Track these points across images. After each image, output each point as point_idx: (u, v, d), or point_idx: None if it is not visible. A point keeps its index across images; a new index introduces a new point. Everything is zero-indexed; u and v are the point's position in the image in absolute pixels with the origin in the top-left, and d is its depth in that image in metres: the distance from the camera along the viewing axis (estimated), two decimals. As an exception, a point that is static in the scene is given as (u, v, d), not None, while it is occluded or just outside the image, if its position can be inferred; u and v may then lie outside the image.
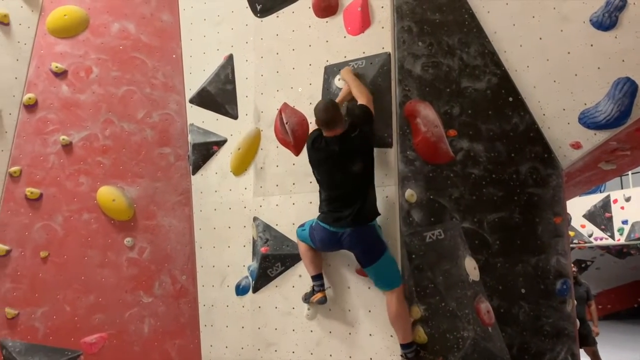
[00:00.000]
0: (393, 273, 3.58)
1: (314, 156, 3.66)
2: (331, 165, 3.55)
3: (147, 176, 4.65)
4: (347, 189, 3.52)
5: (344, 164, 3.49)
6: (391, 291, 3.55)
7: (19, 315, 4.22)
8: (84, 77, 4.63)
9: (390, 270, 3.58)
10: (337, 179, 3.55)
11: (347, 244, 3.57)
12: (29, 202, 4.36)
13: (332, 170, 3.56)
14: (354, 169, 3.48)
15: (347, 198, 3.50)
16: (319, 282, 3.82)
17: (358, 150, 3.52)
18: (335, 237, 3.56)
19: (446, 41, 3.85)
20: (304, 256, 3.87)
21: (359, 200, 3.48)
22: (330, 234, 3.57)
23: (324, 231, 3.60)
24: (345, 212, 3.49)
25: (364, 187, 3.53)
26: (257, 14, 4.49)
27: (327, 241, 3.63)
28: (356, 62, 3.97)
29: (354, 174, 3.49)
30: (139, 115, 4.70)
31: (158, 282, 4.53)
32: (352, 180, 3.51)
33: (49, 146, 4.47)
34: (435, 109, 3.77)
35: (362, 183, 3.53)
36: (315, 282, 3.82)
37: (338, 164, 3.51)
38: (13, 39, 4.49)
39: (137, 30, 4.82)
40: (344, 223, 3.50)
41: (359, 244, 3.53)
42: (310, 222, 3.78)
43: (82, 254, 4.40)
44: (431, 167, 3.74)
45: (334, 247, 3.67)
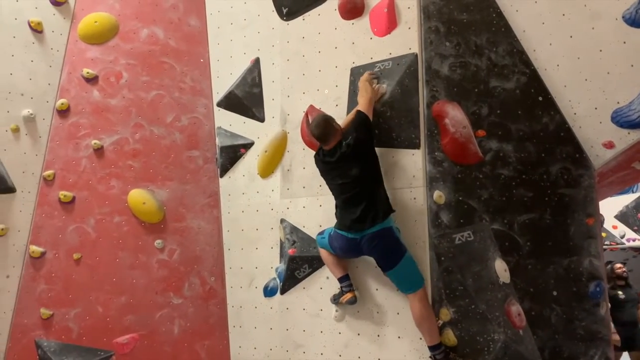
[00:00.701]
0: (414, 275, 3.58)
1: (320, 167, 3.82)
2: (334, 174, 3.69)
3: (176, 179, 4.71)
4: (352, 191, 3.58)
5: (343, 170, 3.61)
6: (414, 294, 3.54)
7: (54, 315, 4.31)
8: (115, 82, 4.72)
9: (412, 273, 3.57)
10: (341, 185, 3.64)
11: (367, 249, 3.58)
12: (63, 205, 4.46)
13: (336, 178, 3.68)
14: (353, 173, 3.56)
15: (354, 200, 3.56)
16: (346, 282, 3.83)
17: (353, 156, 3.58)
18: (354, 243, 3.59)
19: (474, 41, 3.81)
20: (327, 261, 3.90)
21: (365, 200, 3.52)
22: (348, 240, 3.61)
23: (342, 239, 3.65)
24: (355, 212, 3.53)
25: (368, 187, 3.56)
26: (283, 17, 4.52)
27: (346, 248, 3.68)
28: (382, 63, 3.96)
29: (355, 177, 3.56)
30: (168, 119, 4.78)
31: (187, 284, 4.59)
32: (354, 183, 3.56)
33: (81, 150, 4.57)
34: (463, 110, 3.73)
35: (366, 184, 3.56)
36: (343, 284, 3.84)
37: (338, 170, 3.64)
38: (46, 46, 4.60)
39: (165, 35, 4.89)
40: (358, 226, 3.53)
41: (378, 248, 3.54)
42: (329, 230, 3.81)
43: (113, 255, 4.48)
44: (460, 168, 3.70)
45: (355, 253, 3.71)
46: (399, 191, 3.80)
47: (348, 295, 3.79)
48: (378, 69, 3.95)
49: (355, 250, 3.65)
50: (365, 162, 3.60)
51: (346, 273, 3.85)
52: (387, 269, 3.58)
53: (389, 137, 3.86)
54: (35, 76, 4.50)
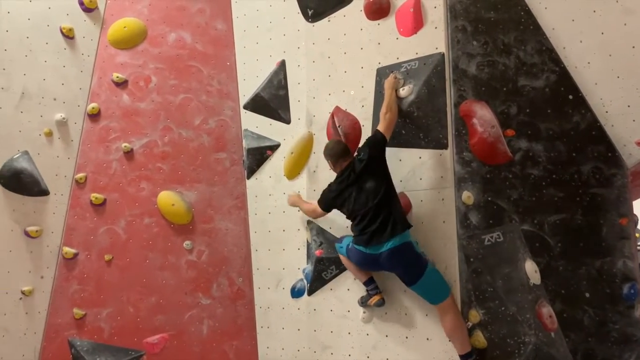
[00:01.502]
0: (440, 286, 3.56)
1: (333, 195, 3.77)
2: (349, 192, 3.68)
3: (204, 181, 4.77)
4: (367, 207, 3.56)
5: (358, 185, 3.64)
6: (442, 304, 3.53)
7: (86, 315, 4.40)
8: (144, 86, 4.80)
9: (437, 284, 3.56)
10: (358, 200, 3.62)
11: (387, 266, 3.57)
12: (94, 207, 4.56)
13: (352, 194, 3.66)
14: (368, 186, 3.59)
15: (370, 214, 3.55)
16: (372, 285, 3.83)
17: (366, 171, 3.62)
18: (372, 258, 3.58)
19: (502, 39, 3.77)
20: (349, 267, 3.92)
21: (381, 214, 3.51)
22: (367, 256, 3.62)
23: (360, 254, 3.66)
24: (372, 227, 3.52)
25: (384, 202, 3.55)
26: (308, 19, 4.54)
27: (364, 263, 3.71)
28: (409, 63, 3.94)
29: (370, 191, 3.58)
30: (195, 122, 4.84)
31: (216, 284, 4.64)
32: (371, 196, 3.57)
33: (111, 153, 4.66)
34: (491, 109, 3.69)
35: (382, 199, 3.55)
36: (369, 287, 3.84)
37: (353, 187, 3.65)
38: (77, 52, 4.70)
39: (192, 39, 4.96)
40: (376, 241, 3.51)
41: (399, 264, 3.53)
42: (348, 241, 3.82)
43: (143, 256, 4.56)
44: (488, 168, 3.66)
45: (373, 268, 3.73)
46: (427, 192, 3.78)
47: (375, 297, 3.79)
48: (404, 69, 3.94)
49: (374, 265, 3.65)
50: (379, 177, 3.61)
51: (371, 276, 3.85)
52: (411, 284, 3.56)
53: (416, 138, 3.84)
54: (67, 81, 4.61)
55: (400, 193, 3.87)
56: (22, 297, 4.24)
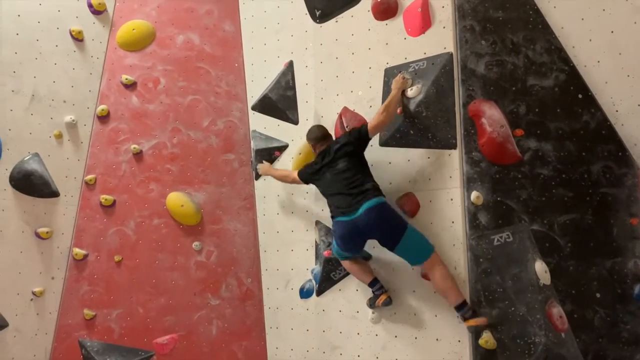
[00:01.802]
0: (423, 243, 3.59)
1: (316, 175, 3.92)
2: (328, 168, 3.83)
3: (213, 182, 4.79)
4: (342, 181, 3.71)
5: (332, 166, 3.80)
6: (428, 261, 3.54)
7: (96, 316, 4.43)
8: (152, 88, 4.82)
9: (419, 242, 3.59)
10: (335, 177, 3.77)
11: (367, 228, 3.57)
12: (104, 208, 4.58)
13: (326, 174, 3.83)
14: (340, 166, 3.76)
15: (347, 186, 3.67)
16: (377, 285, 3.84)
17: (343, 154, 3.78)
18: (353, 225, 3.59)
19: (510, 39, 3.75)
20: (352, 270, 3.95)
21: (356, 186, 3.64)
22: (347, 224, 3.63)
23: (341, 225, 3.68)
24: (349, 196, 3.63)
25: (358, 176, 3.69)
26: (316, 19, 4.54)
27: (348, 235, 3.68)
28: (417, 63, 3.94)
29: (347, 167, 3.73)
30: (204, 123, 4.86)
31: (225, 285, 4.65)
32: (347, 172, 3.72)
33: (121, 155, 4.68)
34: (500, 109, 3.68)
35: (355, 175, 3.69)
36: (374, 287, 3.85)
37: (332, 164, 3.81)
38: (87, 54, 4.73)
39: (201, 41, 4.98)
40: (353, 206, 3.58)
41: (378, 223, 3.54)
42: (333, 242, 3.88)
43: (153, 257, 4.58)
44: (498, 168, 3.65)
45: (357, 237, 3.69)
46: (435, 192, 3.77)
47: (382, 297, 3.80)
48: (412, 69, 3.93)
49: (357, 234, 3.64)
50: (352, 160, 3.75)
51: (374, 277, 3.86)
52: (394, 245, 3.57)
53: (424, 138, 3.83)
54: (76, 83, 4.63)
55: (409, 193, 3.88)
56: (33, 298, 4.27)
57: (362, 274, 3.89)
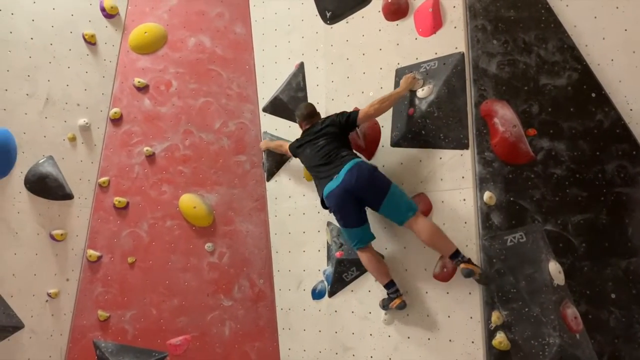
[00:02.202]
0: (407, 199, 3.70)
1: (298, 149, 4.12)
2: (308, 145, 4.01)
3: (224, 183, 4.81)
4: (323, 153, 3.86)
5: (317, 139, 3.95)
6: (414, 217, 3.60)
7: (110, 317, 4.45)
8: (164, 91, 4.85)
9: (404, 198, 3.69)
10: (314, 153, 3.92)
11: (352, 186, 3.64)
12: (117, 210, 4.61)
13: (309, 148, 3.98)
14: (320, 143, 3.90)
15: (325, 157, 3.84)
16: (393, 288, 3.81)
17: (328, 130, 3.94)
18: (340, 190, 3.68)
19: (522, 38, 3.74)
20: (369, 266, 3.87)
21: (334, 154, 3.82)
22: (334, 193, 3.72)
23: (331, 196, 3.75)
24: (328, 165, 3.81)
25: (337, 147, 3.86)
26: (326, 21, 4.55)
27: (340, 202, 3.72)
28: (428, 64, 3.94)
29: (326, 144, 3.88)
30: (216, 125, 4.88)
31: (237, 286, 4.67)
32: (325, 148, 3.87)
33: (133, 157, 4.71)
34: (513, 108, 3.66)
35: (335, 148, 3.85)
36: (390, 290, 3.82)
37: (313, 141, 3.97)
38: (99, 57, 4.77)
39: (212, 43, 5.00)
40: (334, 172, 3.73)
41: (361, 180, 3.64)
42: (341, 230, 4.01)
43: (166, 259, 4.60)
44: (510, 167, 3.63)
45: (348, 202, 3.71)
46: (448, 193, 3.76)
47: (397, 300, 3.77)
48: (424, 69, 3.93)
49: (347, 198, 3.69)
50: (333, 139, 3.88)
51: (391, 279, 3.83)
52: (379, 202, 3.64)
53: (436, 138, 3.82)
54: (89, 86, 4.67)
55: (421, 194, 3.87)
56: (49, 299, 4.30)
57: (379, 272, 3.84)
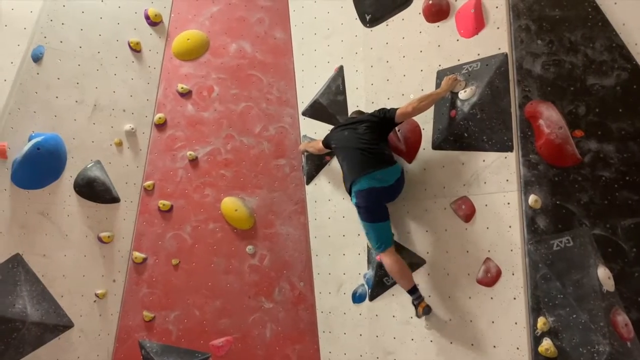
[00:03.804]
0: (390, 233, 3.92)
1: (337, 131, 4.15)
2: (346, 128, 4.06)
3: (265, 187, 4.86)
4: (370, 139, 3.88)
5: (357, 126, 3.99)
6: (390, 250, 3.84)
7: (155, 318, 4.57)
8: (207, 96, 4.95)
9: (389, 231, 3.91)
10: (352, 134, 3.95)
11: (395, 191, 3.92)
12: (162, 213, 4.73)
13: (348, 130, 4.02)
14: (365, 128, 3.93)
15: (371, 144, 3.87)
16: (416, 294, 3.83)
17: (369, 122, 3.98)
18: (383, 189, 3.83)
19: (568, 37, 3.64)
20: (393, 270, 3.86)
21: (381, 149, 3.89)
22: (379, 189, 3.81)
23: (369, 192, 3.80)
24: (372, 154, 3.83)
25: (384, 142, 3.97)
26: (366, 24, 4.55)
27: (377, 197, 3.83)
28: (470, 65, 3.88)
29: (366, 131, 3.92)
30: (256, 130, 4.95)
31: (278, 289, 4.71)
32: (372, 134, 3.91)
33: (177, 161, 4.83)
34: (558, 109, 3.57)
35: (381, 140, 3.94)
36: (414, 296, 3.83)
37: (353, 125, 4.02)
38: (144, 64, 4.90)
39: (252, 49, 5.08)
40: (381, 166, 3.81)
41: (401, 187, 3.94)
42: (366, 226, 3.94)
43: (208, 261, 4.69)
44: (556, 170, 3.54)
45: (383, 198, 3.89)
46: (492, 196, 3.70)
47: (422, 305, 3.78)
48: (466, 71, 3.88)
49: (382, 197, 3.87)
50: (376, 128, 3.93)
51: (415, 284, 3.84)
52: (384, 219, 3.85)
53: (479, 140, 3.77)
54: (135, 93, 4.81)
55: (463, 197, 3.82)
56: (96, 300, 4.44)
57: (404, 276, 3.85)
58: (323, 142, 4.29)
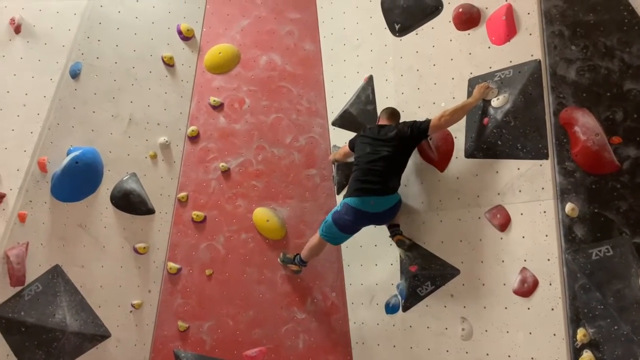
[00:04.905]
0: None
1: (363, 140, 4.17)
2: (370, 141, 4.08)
3: (296, 197, 4.88)
4: (384, 166, 3.94)
5: (376, 146, 4.01)
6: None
7: (189, 328, 4.61)
8: (238, 108, 5.02)
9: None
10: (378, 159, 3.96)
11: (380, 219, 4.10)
12: (195, 224, 4.79)
13: (369, 145, 4.06)
14: (383, 151, 3.96)
15: (383, 171, 3.95)
16: (304, 264, 4.53)
17: (390, 139, 4.00)
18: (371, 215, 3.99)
19: (603, 42, 3.58)
20: (312, 247, 4.38)
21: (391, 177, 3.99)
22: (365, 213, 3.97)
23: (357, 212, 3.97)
24: (381, 178, 3.94)
25: (391, 168, 3.99)
26: (395, 33, 4.55)
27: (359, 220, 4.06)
28: (502, 72, 3.85)
29: (383, 156, 3.95)
30: (287, 140, 4.99)
31: (310, 299, 4.71)
32: (390, 163, 3.96)
33: (210, 173, 4.89)
34: (594, 116, 3.51)
35: (390, 165, 3.97)
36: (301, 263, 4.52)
37: (373, 144, 4.04)
38: (177, 78, 5.01)
39: (282, 61, 5.13)
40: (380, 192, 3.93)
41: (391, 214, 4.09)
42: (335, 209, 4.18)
43: (241, 271, 4.72)
44: (594, 178, 3.47)
45: (364, 223, 4.17)
46: (527, 205, 3.64)
47: (296, 267, 4.53)
48: (498, 78, 3.84)
49: (366, 221, 4.11)
50: (396, 150, 3.97)
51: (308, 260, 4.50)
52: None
53: (513, 148, 3.72)
54: (168, 106, 4.91)
55: (498, 206, 3.77)
56: (132, 310, 4.51)
57: (311, 254, 4.42)
58: (349, 146, 4.38)
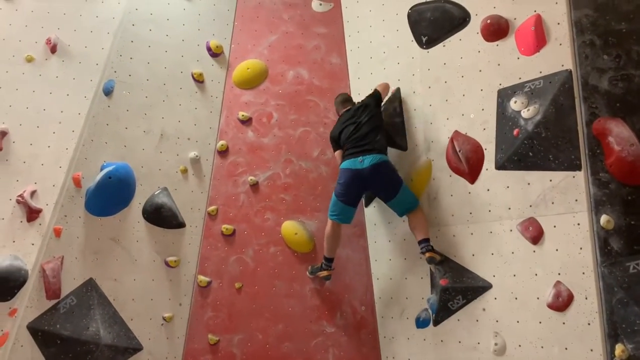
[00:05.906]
0: (412, 198, 4.25)
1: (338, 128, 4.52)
2: (348, 124, 4.42)
3: (324, 210, 4.86)
4: (359, 132, 4.29)
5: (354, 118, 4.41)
6: (415, 210, 4.22)
7: (220, 341, 4.63)
8: (266, 123, 5.08)
9: (410, 197, 4.24)
10: (353, 129, 4.34)
11: (371, 180, 4.16)
12: (225, 237, 4.84)
13: (349, 126, 4.39)
14: (361, 119, 4.35)
15: (361, 137, 4.26)
16: (331, 263, 4.49)
17: (362, 110, 4.42)
18: (361, 174, 4.15)
19: (637, 51, 3.52)
20: (329, 236, 4.41)
21: (370, 137, 4.25)
22: (354, 172, 4.17)
23: (347, 172, 4.21)
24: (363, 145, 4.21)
25: (373, 131, 4.29)
26: (422, 45, 4.56)
27: (351, 182, 4.21)
28: (532, 83, 3.81)
29: (363, 122, 4.33)
30: (314, 154, 5.01)
31: (339, 313, 4.69)
32: (363, 126, 4.31)
33: (239, 186, 4.95)
34: (629, 125, 3.43)
35: (372, 129, 4.29)
36: (328, 262, 4.47)
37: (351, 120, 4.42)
38: (207, 94, 5.10)
39: (309, 75, 5.18)
40: (361, 153, 4.17)
41: (382, 178, 4.18)
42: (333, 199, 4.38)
43: (270, 284, 4.74)
44: (629, 189, 3.39)
45: (360, 186, 4.26)
46: (560, 217, 3.57)
47: (325, 272, 4.48)
48: (528, 89, 3.80)
49: (360, 183, 4.20)
50: (371, 114, 4.35)
51: (333, 256, 4.47)
52: (391, 198, 4.23)
53: (545, 160, 3.66)
54: (198, 121, 4.99)
55: (530, 218, 3.71)
56: (164, 323, 4.56)
57: (332, 245, 4.43)
58: (335, 148, 4.56)
